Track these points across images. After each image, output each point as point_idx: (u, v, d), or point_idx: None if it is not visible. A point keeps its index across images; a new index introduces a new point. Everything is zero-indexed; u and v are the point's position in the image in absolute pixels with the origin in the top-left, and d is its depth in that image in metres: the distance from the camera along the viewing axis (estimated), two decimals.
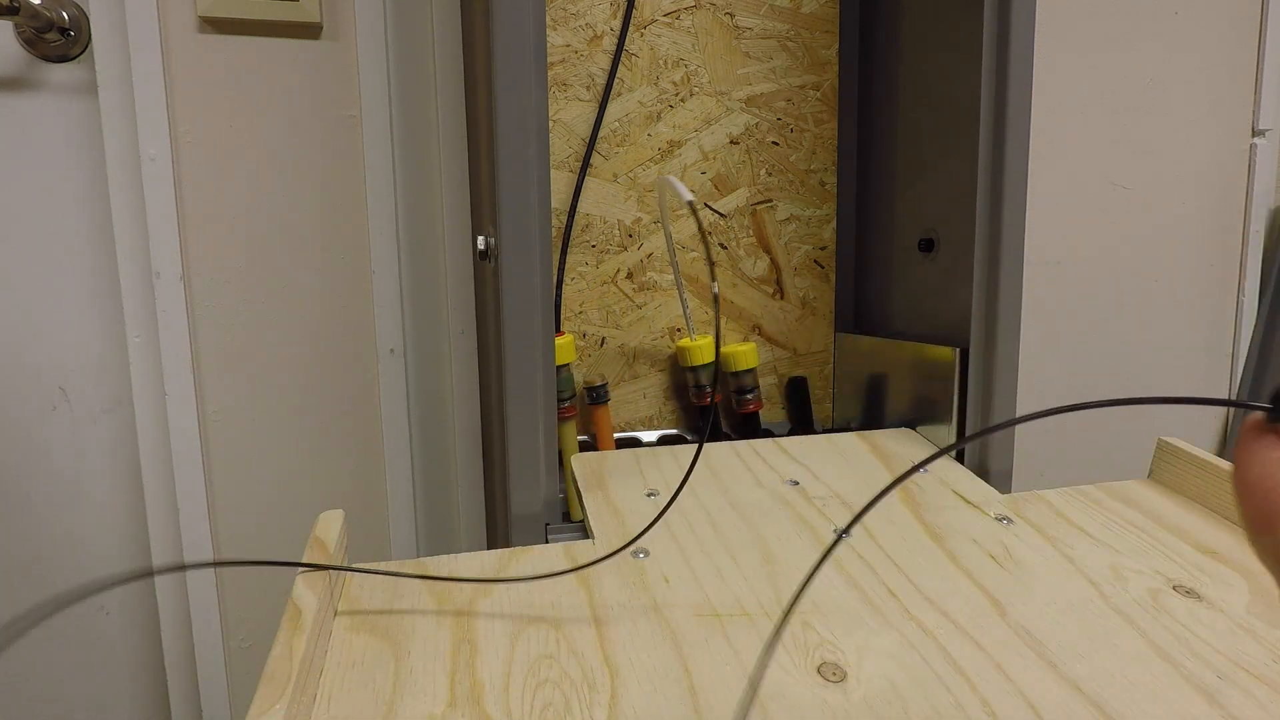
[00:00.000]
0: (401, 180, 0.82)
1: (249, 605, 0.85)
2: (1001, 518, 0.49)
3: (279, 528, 0.84)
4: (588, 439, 0.73)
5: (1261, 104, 1.04)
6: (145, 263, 0.77)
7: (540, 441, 0.52)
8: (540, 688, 0.33)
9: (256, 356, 0.81)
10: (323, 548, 0.39)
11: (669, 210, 0.74)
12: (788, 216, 0.76)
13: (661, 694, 0.33)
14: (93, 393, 0.83)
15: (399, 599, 0.40)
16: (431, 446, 0.88)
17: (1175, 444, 0.52)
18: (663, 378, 0.76)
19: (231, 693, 0.84)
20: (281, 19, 0.76)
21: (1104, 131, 1.00)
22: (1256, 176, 1.05)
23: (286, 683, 0.30)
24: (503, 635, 0.37)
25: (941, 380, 0.62)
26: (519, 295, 0.51)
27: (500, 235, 0.51)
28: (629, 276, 0.74)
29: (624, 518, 0.49)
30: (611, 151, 0.72)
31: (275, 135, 0.79)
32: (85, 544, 0.85)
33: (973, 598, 0.40)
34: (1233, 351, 1.10)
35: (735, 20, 0.72)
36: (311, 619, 0.34)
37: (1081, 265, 1.02)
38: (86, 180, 0.79)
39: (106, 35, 0.74)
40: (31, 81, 0.77)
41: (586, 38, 0.70)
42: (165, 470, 0.81)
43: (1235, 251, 1.08)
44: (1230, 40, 1.02)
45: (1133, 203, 1.02)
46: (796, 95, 0.75)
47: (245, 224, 0.79)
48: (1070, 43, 0.97)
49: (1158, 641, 0.36)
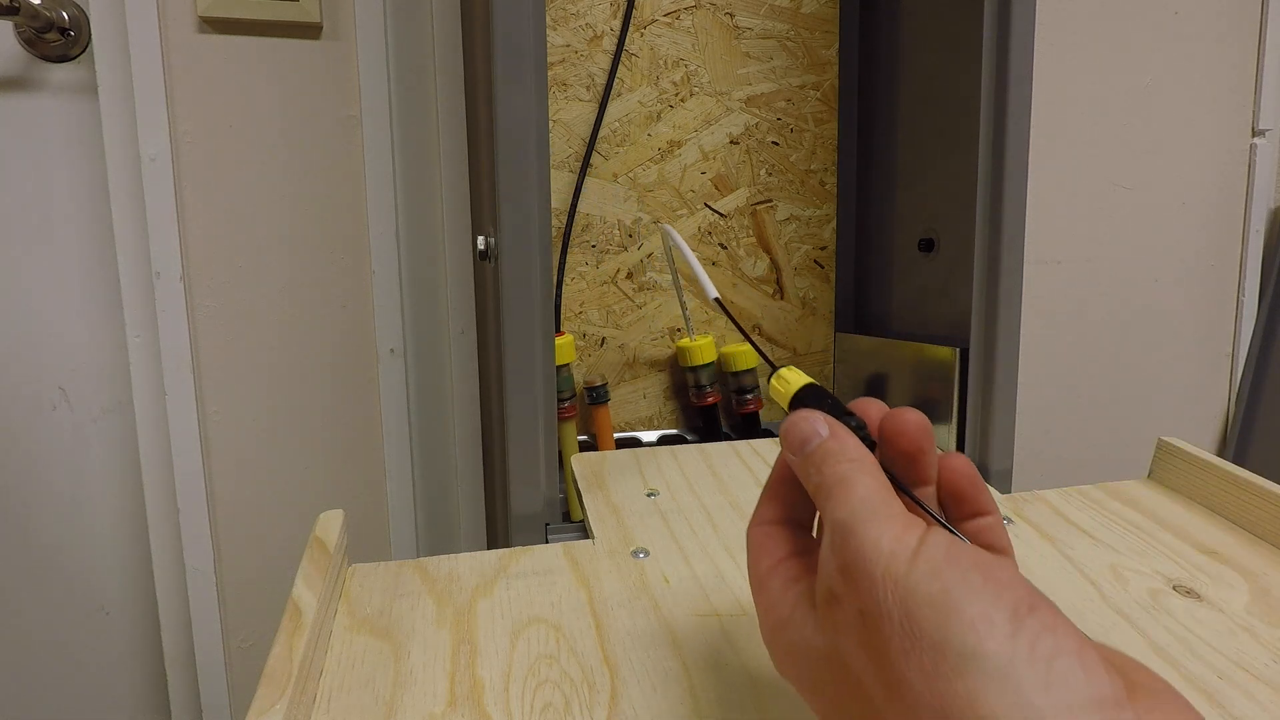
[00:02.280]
0: (401, 180, 0.82)
1: (249, 605, 0.85)
2: (1001, 518, 0.49)
3: (279, 528, 0.84)
4: (588, 439, 0.73)
5: (1261, 104, 1.04)
6: (145, 263, 0.77)
7: (540, 441, 0.52)
8: (540, 688, 0.33)
9: (256, 356, 0.81)
10: (323, 548, 0.39)
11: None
12: (788, 216, 0.76)
13: (661, 694, 0.33)
14: (93, 393, 0.83)
15: (399, 599, 0.40)
16: (431, 446, 0.88)
17: (1175, 444, 0.52)
18: (663, 378, 0.76)
19: (231, 693, 0.84)
20: (281, 19, 0.76)
21: (1104, 131, 1.00)
22: (1256, 176, 1.05)
23: (286, 683, 0.30)
24: (503, 635, 0.37)
25: (941, 380, 0.62)
26: (519, 295, 0.51)
27: (500, 235, 0.51)
28: (629, 276, 0.74)
29: (624, 518, 0.49)
30: (611, 151, 0.72)
31: (275, 135, 0.79)
32: (85, 544, 0.85)
33: None
34: (1233, 351, 1.10)
35: (735, 20, 0.72)
36: (312, 619, 0.34)
37: (1081, 265, 1.02)
38: (86, 180, 0.79)
39: (106, 35, 0.74)
40: (31, 81, 0.77)
41: (586, 38, 0.70)
42: (165, 470, 0.81)
43: (1235, 251, 1.08)
44: (1230, 40, 1.02)
45: (1133, 203, 1.02)
46: (796, 95, 0.75)
47: (245, 224, 0.79)
48: (1070, 43, 0.97)
49: (1158, 641, 0.36)
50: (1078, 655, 0.19)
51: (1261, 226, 1.07)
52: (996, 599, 0.20)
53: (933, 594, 0.20)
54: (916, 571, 0.21)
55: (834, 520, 0.23)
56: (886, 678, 0.21)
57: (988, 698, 0.18)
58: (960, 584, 0.20)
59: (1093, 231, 1.02)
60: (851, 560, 0.22)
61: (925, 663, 0.20)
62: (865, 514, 0.23)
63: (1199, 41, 1.01)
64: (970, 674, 0.19)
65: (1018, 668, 0.18)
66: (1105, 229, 1.02)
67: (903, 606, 0.20)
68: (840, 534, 0.23)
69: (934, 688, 0.19)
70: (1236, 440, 1.10)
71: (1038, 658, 0.19)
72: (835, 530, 0.23)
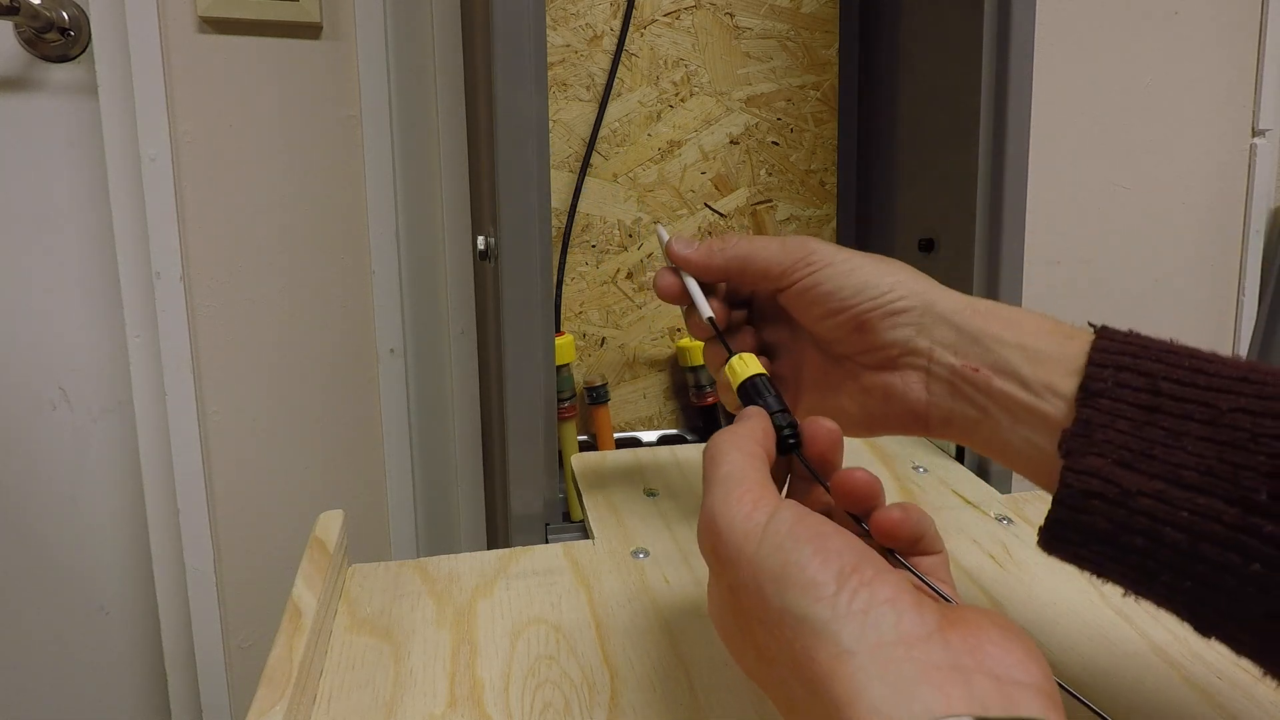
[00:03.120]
0: (401, 180, 0.82)
1: (249, 605, 0.85)
2: (1001, 518, 0.49)
3: (279, 528, 0.84)
4: (588, 439, 0.73)
5: (1261, 104, 1.04)
6: (145, 263, 0.77)
7: (540, 441, 0.52)
8: (540, 688, 0.33)
9: (256, 357, 0.81)
10: (322, 548, 0.39)
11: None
12: (788, 216, 0.76)
13: (661, 694, 0.33)
14: (93, 393, 0.83)
15: (399, 599, 0.40)
16: (431, 446, 0.88)
17: None
18: (663, 378, 0.76)
19: (231, 693, 0.84)
20: (281, 19, 0.76)
21: (1104, 131, 1.00)
22: (1256, 176, 1.05)
23: (286, 684, 0.30)
24: (503, 635, 0.37)
25: None
26: (519, 295, 0.51)
27: (500, 235, 0.51)
28: (629, 276, 0.74)
29: (624, 518, 0.49)
30: (611, 151, 0.72)
31: (275, 135, 0.79)
32: (85, 544, 0.85)
33: (973, 598, 0.40)
34: (1232, 351, 1.10)
35: (735, 20, 0.72)
36: (312, 620, 0.34)
37: (1081, 265, 1.02)
38: (86, 180, 0.79)
39: (106, 35, 0.73)
40: (31, 81, 0.77)
41: (586, 38, 0.70)
42: (165, 470, 0.81)
43: (1235, 251, 1.08)
44: (1230, 40, 1.02)
45: (1133, 203, 1.02)
46: (796, 95, 0.75)
47: (245, 224, 0.79)
48: (1070, 43, 0.97)
49: (1158, 641, 0.36)
50: (891, 603, 0.22)
51: (1261, 226, 1.07)
52: (824, 566, 0.23)
53: (774, 568, 0.23)
54: (764, 548, 0.24)
55: (704, 504, 0.27)
56: (755, 642, 0.24)
57: (817, 652, 0.21)
58: (796, 556, 0.23)
59: (1093, 231, 1.02)
60: (716, 543, 0.26)
61: (774, 628, 0.23)
62: (723, 492, 0.26)
63: (1199, 41, 1.01)
64: (805, 633, 0.22)
65: (838, 621, 0.21)
66: (1105, 229, 1.02)
67: (755, 581, 0.24)
68: (706, 518, 0.26)
69: (784, 649, 0.22)
70: None
71: (855, 611, 0.21)
72: (703, 515, 0.27)
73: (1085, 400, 0.27)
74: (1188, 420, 0.25)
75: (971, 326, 0.31)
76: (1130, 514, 0.25)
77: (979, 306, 0.32)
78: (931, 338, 0.32)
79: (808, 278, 0.34)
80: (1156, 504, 0.24)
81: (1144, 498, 0.24)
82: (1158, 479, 0.24)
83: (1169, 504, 0.24)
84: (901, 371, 0.33)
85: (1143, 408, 0.26)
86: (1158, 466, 0.25)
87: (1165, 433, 0.25)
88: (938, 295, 0.33)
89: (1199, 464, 0.24)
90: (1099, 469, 0.25)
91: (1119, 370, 0.26)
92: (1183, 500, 0.24)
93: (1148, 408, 0.25)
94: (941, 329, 0.32)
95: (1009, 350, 0.30)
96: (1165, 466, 0.24)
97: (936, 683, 0.19)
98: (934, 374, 0.32)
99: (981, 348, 0.30)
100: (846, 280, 0.33)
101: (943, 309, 0.32)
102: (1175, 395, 0.25)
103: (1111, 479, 0.25)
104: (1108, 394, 0.26)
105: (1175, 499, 0.24)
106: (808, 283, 0.34)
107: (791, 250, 0.35)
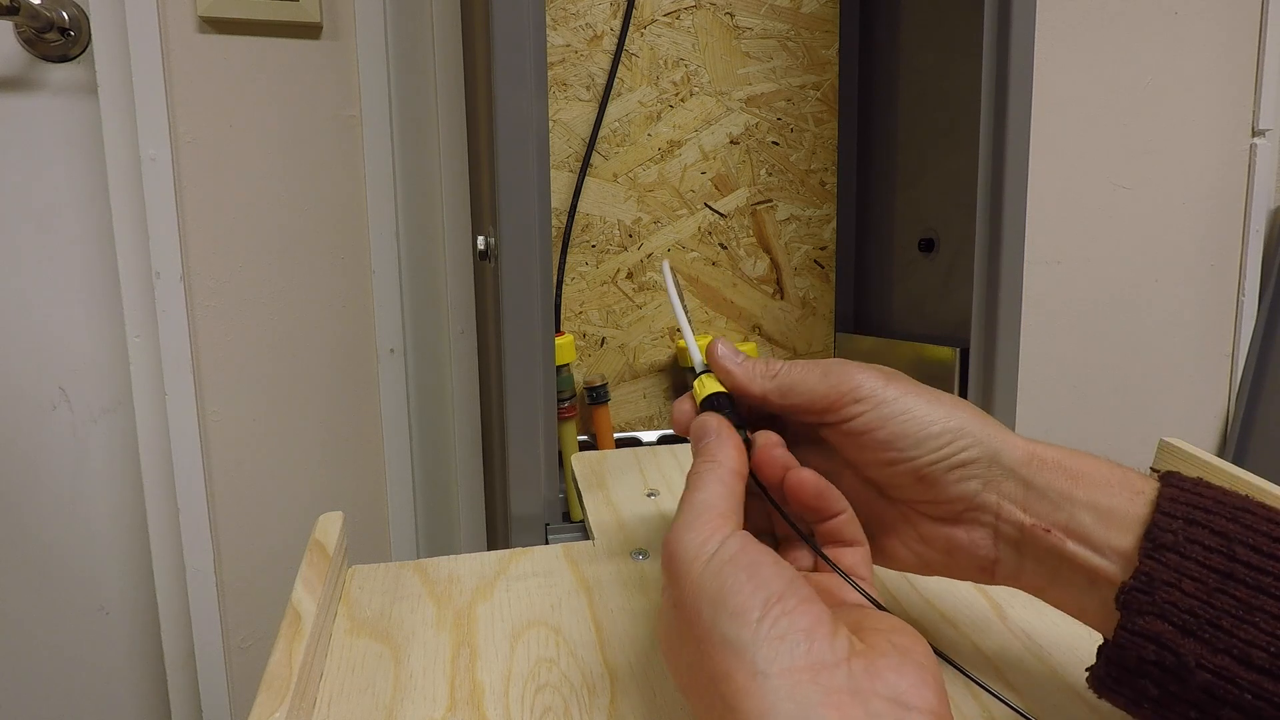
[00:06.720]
0: (401, 180, 0.82)
1: (249, 605, 0.85)
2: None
3: (279, 528, 0.84)
4: (588, 439, 0.73)
5: (1261, 104, 1.04)
6: (145, 263, 0.77)
7: (540, 441, 0.52)
8: (540, 691, 0.33)
9: (256, 356, 0.81)
10: (322, 551, 0.39)
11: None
12: (788, 216, 0.76)
13: (662, 697, 0.33)
14: (93, 393, 0.83)
15: (399, 601, 0.40)
16: (431, 446, 0.88)
17: (1177, 444, 0.52)
18: (663, 378, 0.76)
19: (231, 693, 0.85)
20: (281, 19, 0.76)
21: (1104, 131, 1.00)
22: (1256, 176, 1.05)
23: (286, 689, 0.30)
24: (503, 638, 0.37)
25: (942, 380, 0.62)
26: (519, 295, 0.51)
27: (500, 235, 0.51)
28: (629, 276, 0.74)
29: (624, 518, 0.49)
30: (611, 151, 0.71)
31: (275, 135, 0.79)
32: (85, 544, 0.85)
33: (972, 599, 0.40)
34: (1232, 351, 1.10)
35: (735, 20, 0.72)
36: (311, 624, 0.34)
37: (1081, 265, 1.02)
38: (86, 180, 0.79)
39: (106, 35, 0.73)
40: (31, 81, 0.77)
41: (586, 38, 0.70)
42: (165, 470, 0.81)
43: (1235, 251, 1.08)
44: (1230, 40, 1.02)
45: (1133, 203, 1.02)
46: (796, 95, 0.75)
47: (245, 224, 0.79)
48: (1070, 43, 0.97)
49: None
50: (806, 632, 0.23)
51: (1261, 226, 1.07)
52: (754, 594, 0.24)
53: (712, 591, 0.25)
54: (706, 572, 0.26)
55: (672, 524, 0.28)
56: (687, 658, 0.26)
57: (736, 672, 0.23)
58: (731, 581, 0.25)
59: (1093, 231, 1.02)
60: (670, 562, 0.27)
61: (704, 645, 0.25)
62: (691, 516, 0.28)
63: (1199, 41, 1.01)
64: (728, 654, 0.24)
65: (757, 645, 0.23)
66: (1105, 229, 1.02)
67: (695, 601, 0.25)
68: (669, 538, 0.28)
69: (709, 666, 0.24)
70: (1236, 440, 1.10)
71: (772, 637, 0.23)
72: (668, 534, 0.28)
73: (1150, 552, 0.25)
74: (1262, 594, 0.23)
75: (1039, 481, 0.29)
76: (1185, 688, 0.23)
77: (1044, 456, 0.30)
78: (999, 492, 0.30)
79: (858, 419, 0.31)
80: (1217, 681, 0.23)
81: (1204, 673, 0.23)
82: (1223, 653, 0.23)
83: (1233, 683, 0.23)
84: (967, 526, 0.31)
85: (1215, 571, 0.24)
86: (1224, 640, 0.23)
87: (1237, 603, 0.23)
88: (1000, 442, 0.30)
89: (1271, 644, 0.22)
90: (1159, 634, 0.24)
91: (1189, 525, 0.25)
92: (1249, 683, 0.22)
93: (1221, 572, 0.24)
94: (1008, 483, 0.30)
95: (1080, 510, 0.28)
96: (1233, 641, 0.23)
97: (837, 704, 0.22)
98: (1001, 532, 0.30)
99: (1050, 504, 0.29)
100: (904, 428, 0.30)
101: (1008, 461, 0.30)
102: (1251, 564, 0.24)
103: (1170, 646, 0.24)
104: (1176, 548, 0.25)
105: (1240, 679, 0.22)
106: (858, 425, 0.31)
107: (835, 383, 0.32)
